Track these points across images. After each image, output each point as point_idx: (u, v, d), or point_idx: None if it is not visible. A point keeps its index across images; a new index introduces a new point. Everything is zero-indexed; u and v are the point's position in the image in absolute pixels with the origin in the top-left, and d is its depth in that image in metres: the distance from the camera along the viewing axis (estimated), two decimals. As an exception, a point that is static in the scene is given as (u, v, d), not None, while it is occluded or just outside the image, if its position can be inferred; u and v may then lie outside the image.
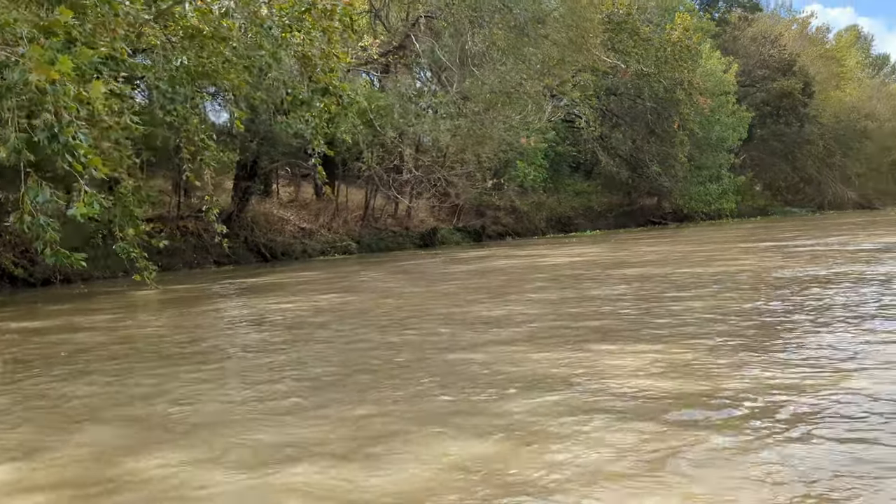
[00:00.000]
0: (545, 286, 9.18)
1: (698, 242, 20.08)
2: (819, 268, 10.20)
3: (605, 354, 4.50)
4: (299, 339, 6.26)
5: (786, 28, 43.39)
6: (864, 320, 5.46)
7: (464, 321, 6.46)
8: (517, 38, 21.37)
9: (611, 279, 9.64)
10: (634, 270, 10.69)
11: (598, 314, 6.43)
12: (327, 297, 9.44)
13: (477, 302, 7.90)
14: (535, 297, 8.02)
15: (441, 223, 30.11)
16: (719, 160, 34.64)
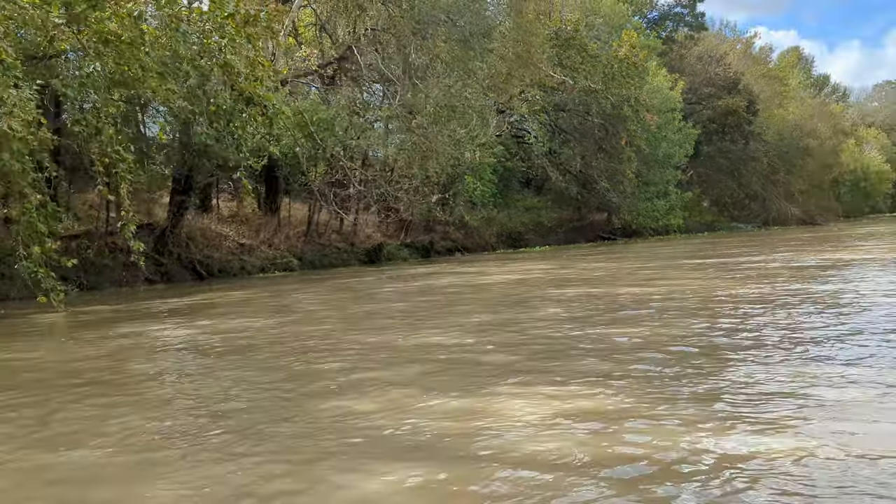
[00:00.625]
0: (476, 309, 8.68)
1: (645, 259, 19.92)
2: (763, 287, 9.94)
3: (506, 400, 3.95)
4: (180, 373, 5.62)
5: (731, 47, 44.19)
6: (809, 353, 5.06)
7: (368, 353, 5.88)
8: (462, 52, 21.01)
9: (547, 301, 9.20)
10: (574, 290, 10.29)
11: (519, 344, 5.91)
12: (244, 321, 8.78)
13: (395, 328, 7.35)
14: (460, 321, 7.50)
15: (388, 239, 29.52)
16: (666, 176, 34.87)
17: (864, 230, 32.53)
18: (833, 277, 11.05)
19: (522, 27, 23.97)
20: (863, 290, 9.03)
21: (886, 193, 63.46)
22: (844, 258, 15.52)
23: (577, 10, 31.61)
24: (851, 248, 19.94)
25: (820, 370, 4.43)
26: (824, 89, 67.18)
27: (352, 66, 25.21)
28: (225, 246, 23.72)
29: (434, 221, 31.45)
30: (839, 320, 6.45)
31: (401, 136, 24.88)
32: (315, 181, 21.45)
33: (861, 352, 4.98)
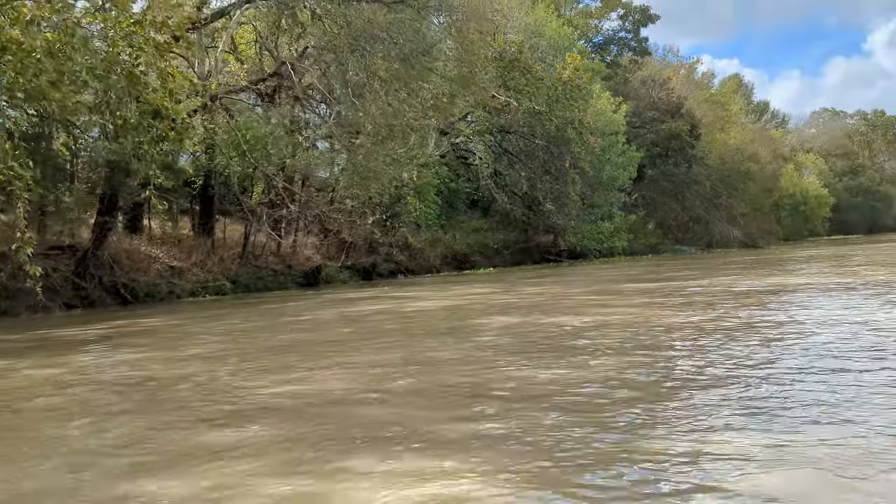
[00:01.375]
0: (391, 343, 8.04)
1: (587, 283, 19.59)
2: (701, 316, 9.56)
3: (356, 482, 3.25)
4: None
5: (674, 72, 44.86)
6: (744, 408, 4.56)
7: (227, 403, 5.12)
8: (402, 70, 20.53)
9: (463, 333, 8.65)
10: (501, 320, 9.76)
11: (412, 392, 5.20)
12: (128, 356, 7.99)
13: (288, 369, 6.59)
14: (359, 360, 6.86)
15: (329, 260, 28.72)
16: (611, 199, 34.91)
17: (804, 254, 33.01)
18: (772, 306, 10.78)
19: (465, 47, 23.64)
20: (803, 319, 8.72)
21: (825, 217, 65.10)
22: (785, 283, 15.39)
23: (522, 32, 31.53)
24: (791, 273, 19.96)
25: (748, 440, 3.88)
26: (764, 115, 68.90)
27: (289, 83, 24.56)
28: (154, 269, 22.64)
29: (377, 243, 30.76)
30: (776, 361, 6.04)
31: (343, 155, 24.26)
32: (251, 201, 20.60)
33: (803, 416, 4.51)
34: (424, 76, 22.60)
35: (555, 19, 34.49)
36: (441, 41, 21.85)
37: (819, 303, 10.62)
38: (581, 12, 43.91)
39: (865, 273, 16.82)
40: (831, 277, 16.21)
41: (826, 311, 9.36)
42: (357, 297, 16.65)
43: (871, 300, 10.38)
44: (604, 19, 44.37)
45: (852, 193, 72.85)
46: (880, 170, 79.08)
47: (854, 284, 13.51)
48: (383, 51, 19.40)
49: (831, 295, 11.78)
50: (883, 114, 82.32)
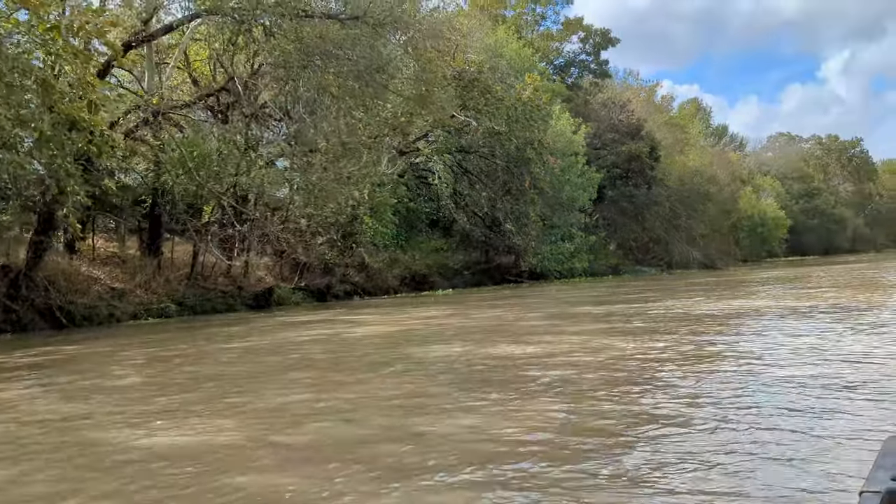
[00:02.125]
0: (308, 379, 7.30)
1: (542, 305, 19.12)
2: (657, 342, 9.09)
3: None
4: None
5: (634, 95, 45.10)
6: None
7: (58, 465, 4.32)
8: (355, 88, 19.99)
9: (397, 365, 8.03)
10: (439, 350, 9.18)
11: (298, 451, 4.37)
12: (18, 391, 7.21)
13: (170, 412, 5.75)
14: (267, 400, 6.14)
15: (283, 282, 27.87)
16: (571, 219, 34.67)
17: (763, 275, 33.09)
18: (733, 332, 10.37)
19: (422, 66, 23.21)
20: (766, 347, 8.29)
21: (782, 239, 65.95)
22: (746, 307, 15.08)
23: (482, 53, 31.29)
24: (752, 295, 19.75)
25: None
26: (723, 138, 69.86)
27: (246, 100, 23.86)
28: (93, 290, 21.60)
29: (333, 264, 30.03)
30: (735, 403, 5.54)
31: (291, 173, 23.57)
32: (198, 221, 19.78)
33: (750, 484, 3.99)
34: (380, 94, 22.11)
35: (515, 41, 34.37)
36: (398, 59, 21.36)
37: (783, 328, 10.24)
38: (542, 35, 43.99)
39: (827, 295, 16.62)
40: (794, 300, 15.97)
41: (790, 339, 8.95)
42: (302, 322, 15.92)
43: (836, 325, 10.03)
44: (565, 42, 44.58)
45: (808, 216, 74.05)
46: (835, 193, 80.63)
47: (817, 308, 13.22)
48: (335, 67, 18.82)
49: (795, 320, 11.44)
50: (836, 138, 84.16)
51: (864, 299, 15.25)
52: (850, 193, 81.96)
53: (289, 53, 21.27)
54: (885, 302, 14.57)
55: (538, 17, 43.70)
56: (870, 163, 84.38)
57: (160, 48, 28.42)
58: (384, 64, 20.82)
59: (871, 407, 4.93)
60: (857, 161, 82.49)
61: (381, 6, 21.49)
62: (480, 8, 37.55)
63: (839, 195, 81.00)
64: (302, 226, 27.40)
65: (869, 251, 75.81)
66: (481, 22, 32.94)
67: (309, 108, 20.51)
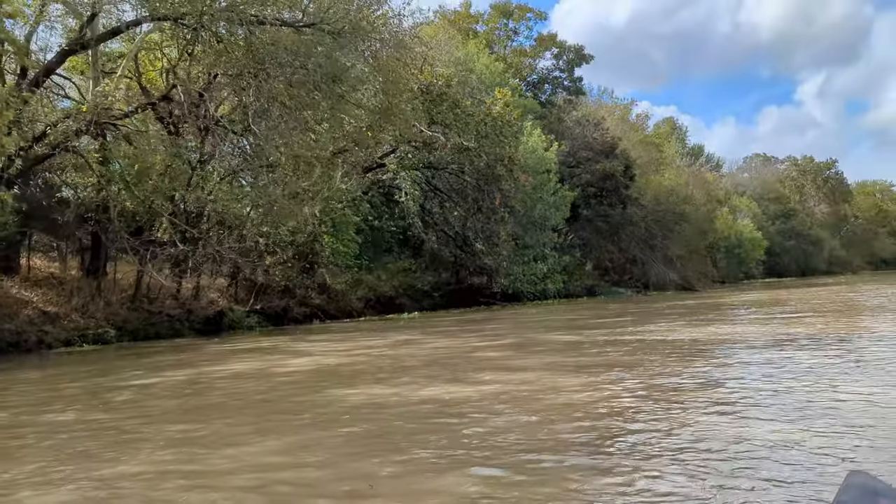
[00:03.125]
0: (157, 437, 5.82)
1: (506, 332, 17.80)
2: (621, 380, 7.79)
3: None
4: None
5: (609, 113, 44.23)
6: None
7: None
8: (308, 98, 18.67)
9: (300, 413, 6.66)
10: (364, 392, 7.81)
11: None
12: None
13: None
14: (107, 470, 4.79)
15: (237, 304, 26.30)
16: (544, 239, 33.44)
17: (742, 298, 32.04)
18: (711, 369, 9.09)
19: (385, 77, 21.94)
20: (750, 391, 7.01)
21: (759, 260, 65.33)
22: (726, 334, 13.86)
23: (451, 66, 30.17)
24: (732, 320, 18.56)
25: None
26: (699, 158, 69.41)
27: (188, 110, 22.42)
28: (23, 314, 19.95)
29: (294, 285, 28.53)
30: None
31: (248, 189, 22.15)
32: (124, 236, 18.26)
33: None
34: (339, 105, 20.80)
35: (486, 55, 33.32)
36: (355, 68, 20.08)
37: (764, 364, 8.97)
38: (515, 51, 43.01)
39: (809, 322, 15.46)
40: (774, 327, 14.78)
41: (772, 379, 7.67)
42: (240, 350, 14.45)
43: (822, 360, 8.79)
44: (538, 58, 43.59)
45: (785, 237, 73.64)
46: (811, 214, 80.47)
47: (799, 337, 12.01)
48: (287, 76, 17.49)
49: (778, 350, 10.19)
50: (812, 160, 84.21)
51: (845, 326, 14.11)
52: (826, 215, 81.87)
53: (239, 61, 19.95)
54: (870, 328, 13.44)
55: (511, 33, 42.76)
56: (844, 184, 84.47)
57: (112, 57, 27.06)
58: (341, 74, 19.52)
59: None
60: (832, 182, 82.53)
61: (338, 14, 20.28)
62: (451, 22, 36.54)
63: (815, 216, 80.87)
64: (260, 245, 25.96)
65: (845, 273, 75.51)
66: (451, 35, 31.85)
67: (260, 119, 19.13)
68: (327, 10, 20.36)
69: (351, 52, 20.74)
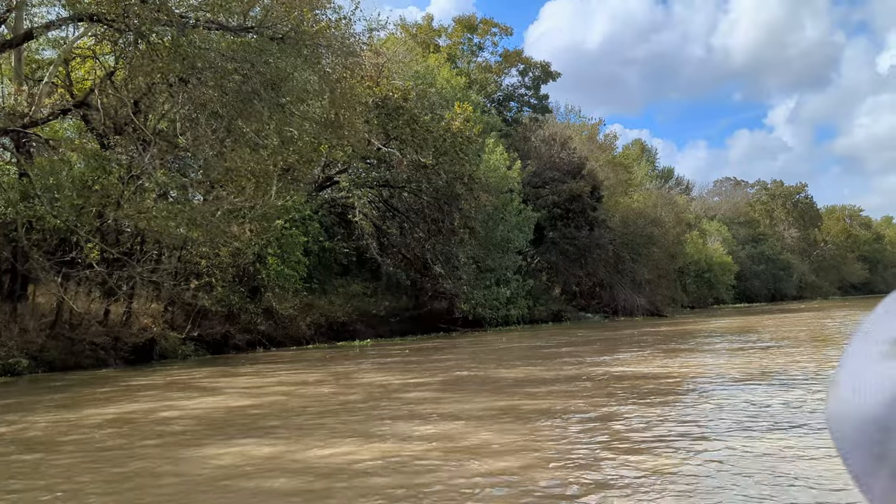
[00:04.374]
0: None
1: (453, 364, 16.16)
2: (562, 443, 6.20)
3: None
4: None
5: (576, 132, 43.09)
6: None
7: None
8: (241, 106, 17.03)
9: (119, 489, 4.96)
10: (225, 454, 6.11)
11: None
12: None
13: None
14: None
15: (174, 331, 24.35)
16: (506, 262, 31.87)
17: (713, 325, 30.73)
18: (680, 415, 7.56)
19: (331, 86, 20.38)
20: (704, 471, 5.44)
21: (729, 285, 64.46)
22: (697, 367, 12.36)
23: (410, 80, 28.72)
24: (704, 351, 17.10)
25: None
26: (669, 181, 68.73)
27: (123, 121, 20.68)
28: (-81, 343, 17.96)
29: (239, 309, 26.64)
30: None
31: (178, 206, 20.33)
32: (35, 257, 16.39)
33: None
34: (283, 117, 19.17)
35: (447, 69, 31.94)
36: (298, 75, 18.50)
37: (734, 411, 7.44)
38: (480, 67, 41.75)
39: (784, 352, 14.02)
40: (753, 358, 13.32)
41: (744, 436, 6.13)
42: (151, 385, 12.65)
43: (803, 406, 7.29)
44: (503, 75, 42.34)
45: (755, 261, 72.99)
46: (781, 238, 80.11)
47: (773, 373, 10.54)
48: (216, 81, 15.85)
49: (750, 392, 8.69)
50: (781, 184, 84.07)
51: (824, 359, 12.71)
52: (796, 239, 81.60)
53: (169, 66, 18.28)
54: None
55: (475, 48, 41.47)
56: (814, 208, 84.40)
57: (43, 65, 25.31)
58: (281, 81, 17.92)
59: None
60: (802, 206, 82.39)
61: (279, 17, 18.74)
62: (412, 35, 35.19)
63: (785, 241, 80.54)
64: (201, 267, 24.12)
65: (815, 298, 75.06)
66: (410, 48, 30.44)
67: (189, 128, 17.42)
68: (267, 13, 18.84)
69: (294, 59, 19.19)
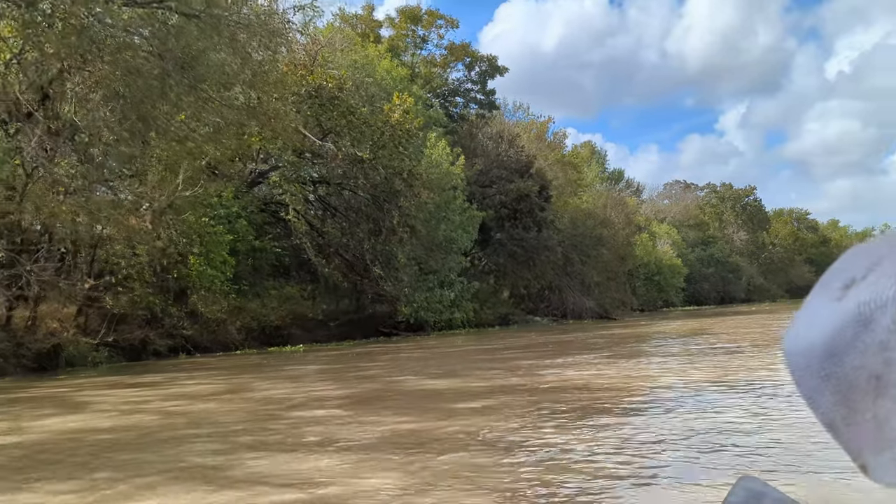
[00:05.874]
0: None
1: (376, 374, 14.71)
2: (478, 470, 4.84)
3: None
4: None
5: (525, 130, 42.00)
6: None
7: None
8: (144, 86, 15.31)
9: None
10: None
11: None
12: None
13: None
14: None
15: (87, 336, 22.37)
16: (450, 263, 30.48)
17: (659, 328, 29.85)
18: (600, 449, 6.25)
19: (255, 70, 18.74)
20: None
21: (678, 287, 64.24)
22: (632, 379, 11.13)
23: (347, 69, 27.16)
24: (653, 357, 15.93)
25: None
26: (619, 183, 68.39)
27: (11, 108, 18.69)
28: None
29: (161, 313, 24.73)
30: None
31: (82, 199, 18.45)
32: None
33: None
34: (198, 102, 17.48)
35: (388, 60, 30.46)
36: (213, 54, 16.84)
37: (686, 434, 6.18)
38: (425, 60, 40.34)
39: (736, 355, 12.92)
40: (707, 363, 12.16)
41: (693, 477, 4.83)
42: (25, 398, 10.89)
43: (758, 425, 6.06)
44: (449, 69, 41.01)
45: (704, 264, 73.05)
46: (730, 241, 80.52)
47: (727, 383, 9.37)
48: (113, 57, 14.12)
49: (700, 409, 7.46)
50: (730, 186, 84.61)
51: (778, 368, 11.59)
52: (745, 242, 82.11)
53: (72, 44, 16.45)
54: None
55: (419, 41, 40.05)
56: (763, 211, 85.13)
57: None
58: (193, 61, 16.25)
59: None
60: (750, 209, 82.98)
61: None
62: (351, 25, 33.67)
63: (734, 244, 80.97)
64: (119, 268, 22.20)
65: (764, 301, 75.51)
66: (349, 36, 28.89)
67: (88, 111, 15.62)
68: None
69: (210, 37, 17.52)
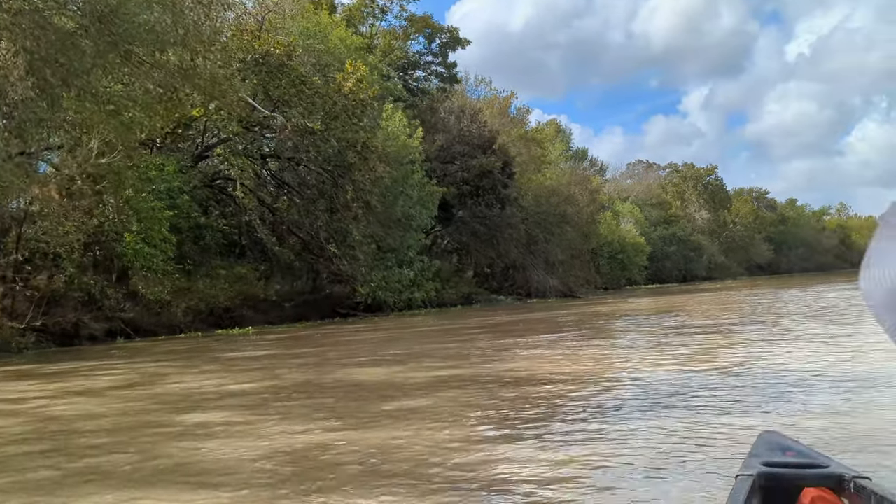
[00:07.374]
0: None
1: (303, 361, 13.49)
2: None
3: None
4: None
5: (487, 105, 40.77)
6: None
7: None
8: (70, 46, 13.71)
9: None
10: None
11: None
12: None
13: None
14: None
15: (13, 320, 20.70)
16: (409, 241, 29.23)
17: (623, 306, 29.04)
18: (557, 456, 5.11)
19: (187, 28, 17.13)
20: None
21: (641, 266, 63.97)
22: (594, 364, 10.07)
23: (298, 36, 25.55)
24: (619, 338, 14.92)
25: None
26: (584, 162, 67.66)
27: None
28: None
29: (98, 295, 23.10)
30: None
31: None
32: None
33: None
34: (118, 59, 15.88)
35: (342, 28, 28.89)
36: (135, 9, 15.23)
37: (648, 441, 5.09)
38: (384, 33, 38.80)
39: (700, 340, 11.95)
40: (659, 353, 11.16)
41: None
42: None
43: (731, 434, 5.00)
44: (409, 41, 39.49)
45: (667, 243, 72.98)
46: (692, 220, 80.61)
47: (697, 373, 8.36)
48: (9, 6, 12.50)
49: (661, 415, 6.40)
50: (692, 166, 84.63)
51: (752, 354, 10.71)
52: (707, 221, 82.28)
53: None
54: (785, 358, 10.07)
55: (377, 12, 38.47)
56: (724, 190, 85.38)
57: None
58: (112, 14, 14.64)
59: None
60: (712, 188, 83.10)
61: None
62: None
63: (696, 223, 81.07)
64: (49, 246, 20.55)
65: (725, 279, 75.76)
66: (300, 2, 27.26)
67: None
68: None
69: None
